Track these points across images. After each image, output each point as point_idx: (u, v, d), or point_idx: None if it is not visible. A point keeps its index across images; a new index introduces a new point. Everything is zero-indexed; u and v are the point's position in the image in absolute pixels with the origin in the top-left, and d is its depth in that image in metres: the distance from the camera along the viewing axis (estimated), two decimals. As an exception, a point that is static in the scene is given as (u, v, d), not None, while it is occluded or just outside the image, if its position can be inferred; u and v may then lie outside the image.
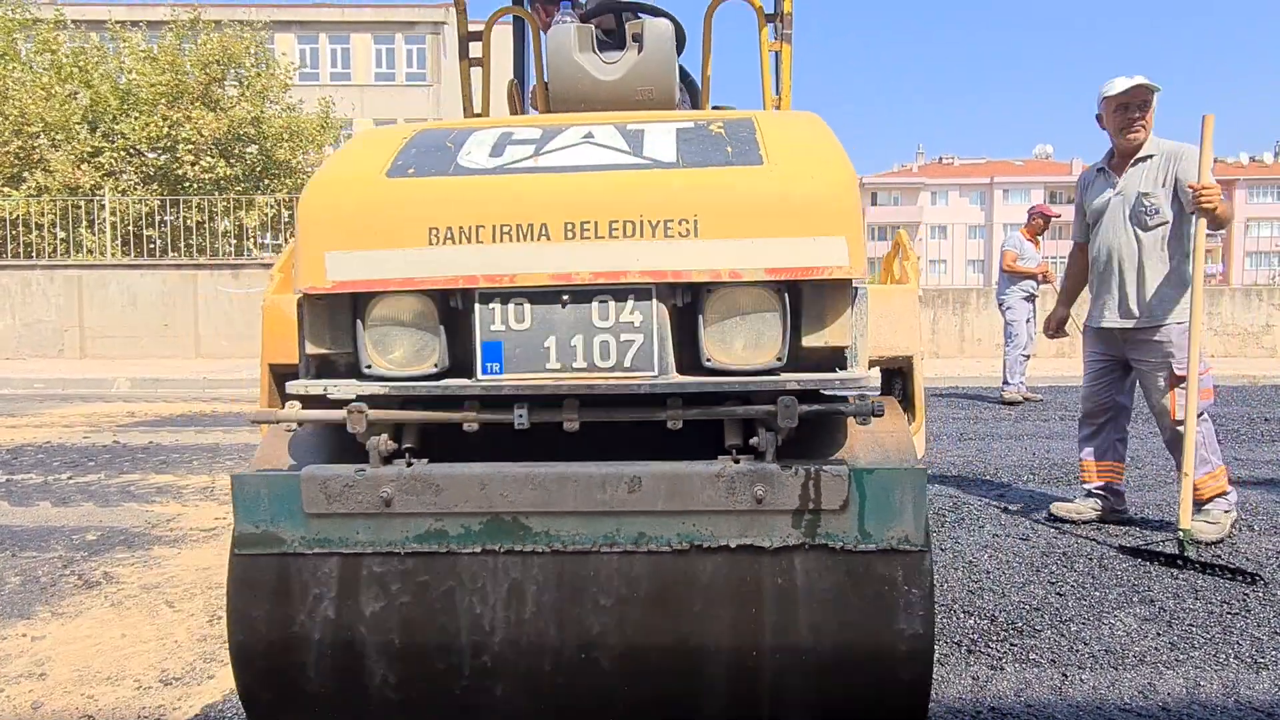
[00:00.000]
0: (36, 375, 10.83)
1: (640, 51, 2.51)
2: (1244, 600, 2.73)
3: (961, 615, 2.61)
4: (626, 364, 1.60)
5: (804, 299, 1.62)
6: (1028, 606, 2.69)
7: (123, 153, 17.54)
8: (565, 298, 1.60)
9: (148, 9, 28.66)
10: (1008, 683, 2.17)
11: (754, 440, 1.61)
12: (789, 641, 1.56)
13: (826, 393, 1.63)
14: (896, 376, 2.08)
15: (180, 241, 15.99)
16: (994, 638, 2.44)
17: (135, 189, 17.39)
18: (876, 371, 1.83)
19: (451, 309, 1.64)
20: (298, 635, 1.61)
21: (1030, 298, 8.49)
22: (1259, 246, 57.26)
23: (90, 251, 15.81)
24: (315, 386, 1.65)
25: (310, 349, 1.69)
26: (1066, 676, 2.20)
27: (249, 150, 18.77)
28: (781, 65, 2.95)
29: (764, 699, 1.59)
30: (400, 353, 1.66)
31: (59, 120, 16.94)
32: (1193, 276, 3.33)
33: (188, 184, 17.61)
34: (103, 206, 15.49)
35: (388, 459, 1.65)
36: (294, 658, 1.62)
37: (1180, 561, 3.07)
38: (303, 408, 1.67)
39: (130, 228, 16.15)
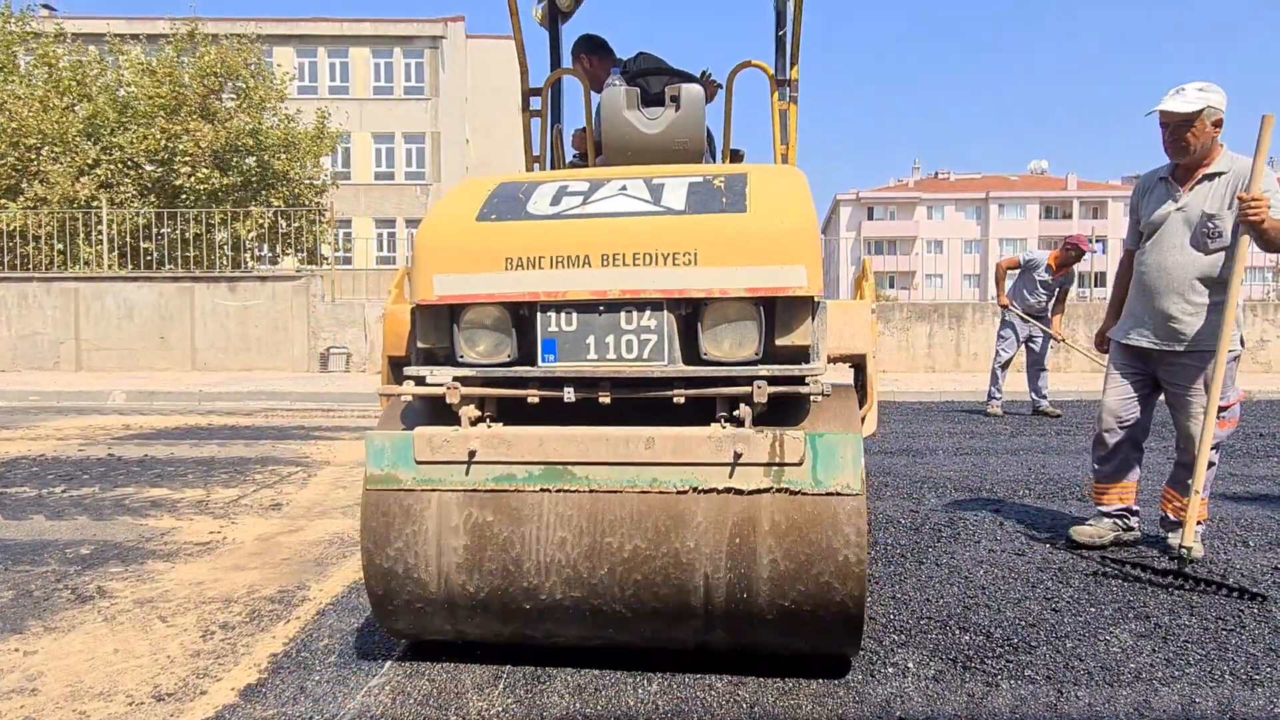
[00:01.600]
0: (32, 387, 10.80)
1: (677, 110, 3.11)
2: (1239, 616, 2.73)
3: (957, 631, 2.61)
4: (645, 356, 2.21)
5: (776, 310, 2.20)
6: (1023, 622, 2.69)
7: (120, 165, 17.55)
8: (601, 308, 2.22)
9: (146, 22, 28.78)
10: (1003, 699, 2.17)
11: (737, 412, 2.19)
12: (760, 557, 2.12)
13: (809, 379, 2.17)
14: (861, 372, 2.71)
15: (177, 253, 15.99)
16: (989, 654, 2.44)
17: (132, 201, 17.39)
18: (843, 366, 2.63)
19: (520, 315, 2.27)
20: (408, 548, 2.23)
21: (1022, 317, 8.41)
22: (1254, 261, 57.37)
23: (88, 264, 15.80)
24: (424, 371, 2.31)
25: (420, 344, 2.35)
26: (1062, 693, 2.20)
27: (246, 162, 18.80)
28: (789, 122, 3.53)
29: (741, 595, 2.14)
30: (484, 347, 2.30)
31: (56, 132, 16.97)
32: (1229, 295, 3.18)
33: (184, 194, 17.63)
34: (100, 219, 15.50)
35: (474, 423, 2.28)
36: (405, 564, 2.24)
37: (1180, 579, 3.03)
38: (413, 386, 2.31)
39: (128, 240, 16.15)
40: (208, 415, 8.87)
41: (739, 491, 2.15)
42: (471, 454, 2.22)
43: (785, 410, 2.28)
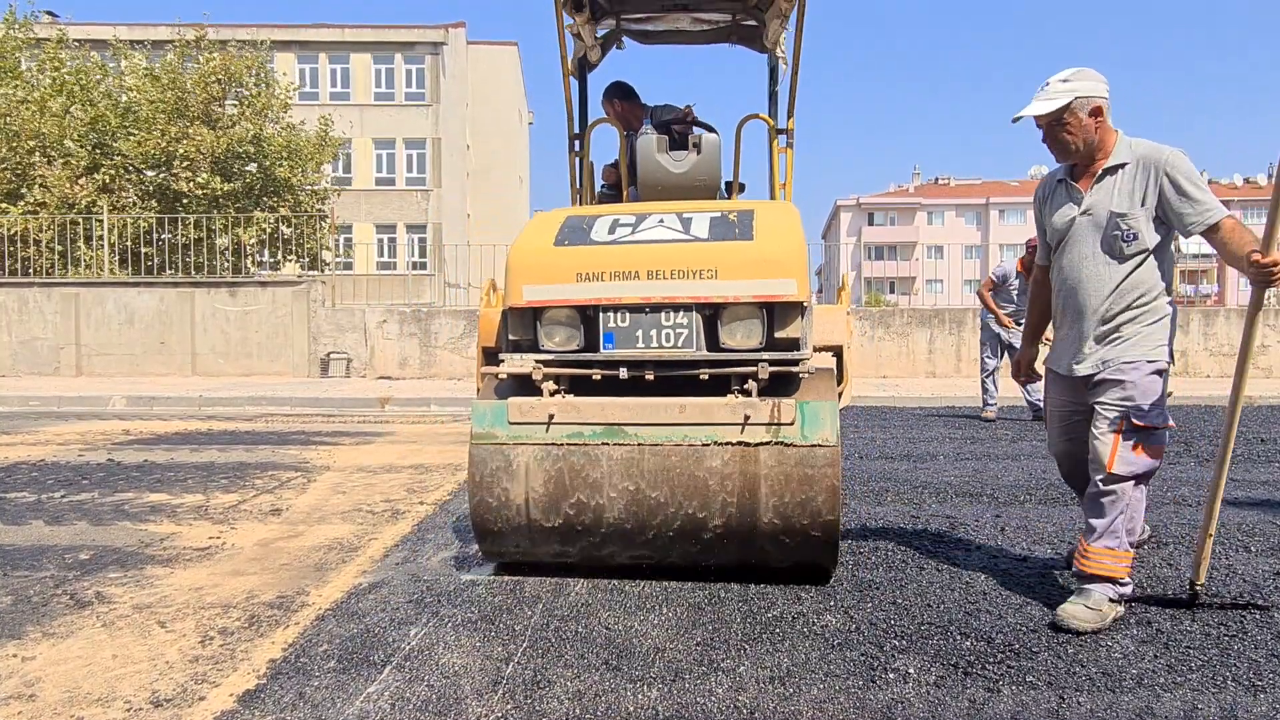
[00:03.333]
0: (32, 393, 10.79)
1: (699, 154, 3.85)
2: (1241, 622, 2.72)
3: (958, 637, 2.60)
4: (679, 345, 3.00)
5: (775, 312, 2.98)
6: (1025, 628, 2.68)
7: (120, 170, 17.56)
8: (647, 310, 3.00)
9: (150, 29, 28.84)
10: (1005, 705, 2.16)
11: (746, 386, 2.97)
12: (763, 492, 2.90)
13: (799, 362, 2.98)
14: (839, 358, 3.57)
15: (178, 259, 15.99)
16: (990, 660, 2.43)
17: (133, 206, 17.39)
18: (826, 355, 3.52)
19: (587, 315, 3.05)
20: (503, 487, 3.01)
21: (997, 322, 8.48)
22: (1253, 267, 57.34)
23: (89, 266, 15.80)
24: (514, 357, 3.11)
25: (511, 336, 3.13)
26: (1064, 699, 2.19)
27: (248, 168, 18.81)
28: (786, 163, 4.25)
29: (749, 520, 2.92)
30: (559, 338, 3.07)
31: (57, 136, 16.97)
32: (1246, 337, 2.72)
33: (185, 200, 17.63)
34: (100, 223, 15.51)
35: (551, 394, 3.05)
36: (500, 499, 3.01)
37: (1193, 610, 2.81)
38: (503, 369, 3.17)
39: (128, 245, 16.15)
40: (208, 420, 8.86)
41: (747, 444, 2.92)
42: (551, 417, 3.01)
43: (782, 385, 3.06)
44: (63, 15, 28.83)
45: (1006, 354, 8.50)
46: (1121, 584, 2.75)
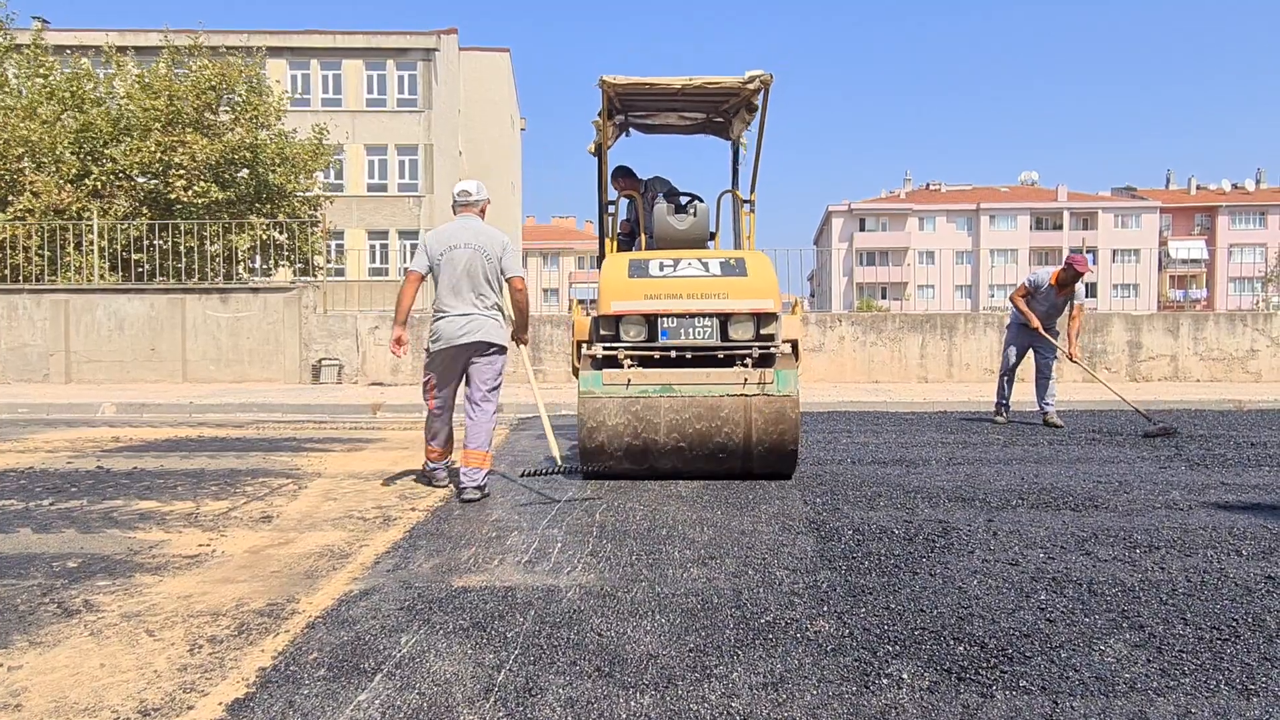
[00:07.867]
0: (21, 399, 10.72)
1: (694, 216, 6.36)
2: (1234, 626, 2.72)
3: (951, 642, 2.60)
4: (706, 338, 5.32)
5: (760, 318, 5.35)
6: (1018, 632, 2.67)
7: (112, 176, 17.47)
8: (687, 317, 5.31)
9: (141, 35, 28.76)
10: (998, 710, 2.15)
11: (745, 362, 5.24)
12: (754, 424, 5.09)
13: (772, 348, 5.30)
14: (795, 346, 5.60)
15: (169, 265, 15.92)
16: (984, 664, 2.42)
17: (125, 213, 17.29)
18: (788, 345, 5.54)
19: (650, 320, 5.34)
20: (599, 424, 5.10)
21: (1024, 326, 8.53)
22: (1242, 272, 57.90)
23: (79, 272, 15.71)
24: (604, 345, 5.36)
25: (602, 333, 5.39)
26: (1058, 704, 2.19)
27: (241, 175, 18.73)
28: (750, 224, 6.62)
29: (745, 442, 5.11)
30: (633, 333, 5.34)
31: (46, 144, 16.87)
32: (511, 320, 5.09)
33: (179, 208, 17.55)
34: (90, 229, 15.42)
35: (629, 368, 5.24)
36: (600, 433, 5.11)
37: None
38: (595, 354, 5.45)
39: (119, 251, 16.07)
40: (198, 427, 8.81)
41: (746, 395, 5.01)
42: (629, 381, 5.08)
43: (765, 361, 5.24)
44: (54, 21, 28.74)
45: (1032, 357, 8.60)
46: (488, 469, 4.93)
